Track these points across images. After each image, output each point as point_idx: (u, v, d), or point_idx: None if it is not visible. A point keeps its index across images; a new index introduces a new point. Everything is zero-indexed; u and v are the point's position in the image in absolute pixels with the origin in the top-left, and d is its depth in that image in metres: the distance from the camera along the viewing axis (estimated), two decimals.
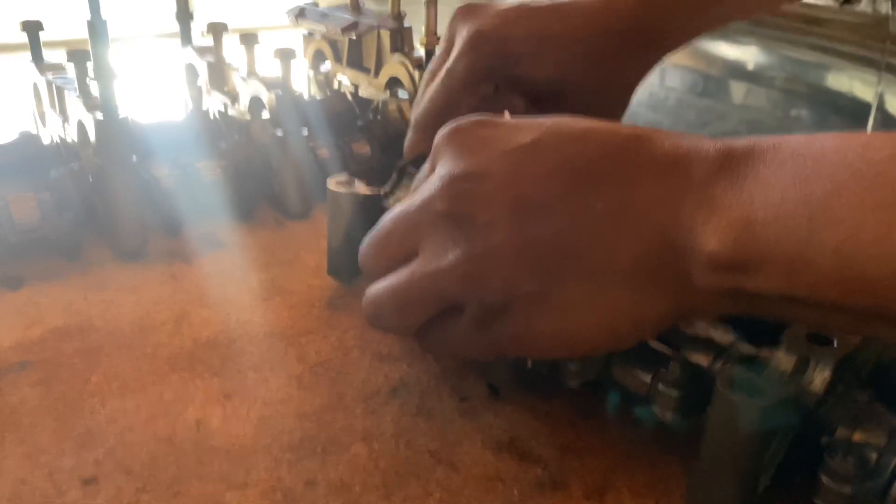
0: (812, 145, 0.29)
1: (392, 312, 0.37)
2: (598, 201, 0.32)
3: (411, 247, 0.36)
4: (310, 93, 0.90)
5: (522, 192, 0.33)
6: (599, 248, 0.32)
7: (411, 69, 0.73)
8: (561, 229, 0.32)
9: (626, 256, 0.31)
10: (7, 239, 0.54)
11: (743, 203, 0.29)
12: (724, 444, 0.33)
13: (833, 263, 0.26)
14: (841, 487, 0.31)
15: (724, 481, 0.34)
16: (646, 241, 0.31)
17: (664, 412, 0.38)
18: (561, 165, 0.33)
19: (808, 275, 0.27)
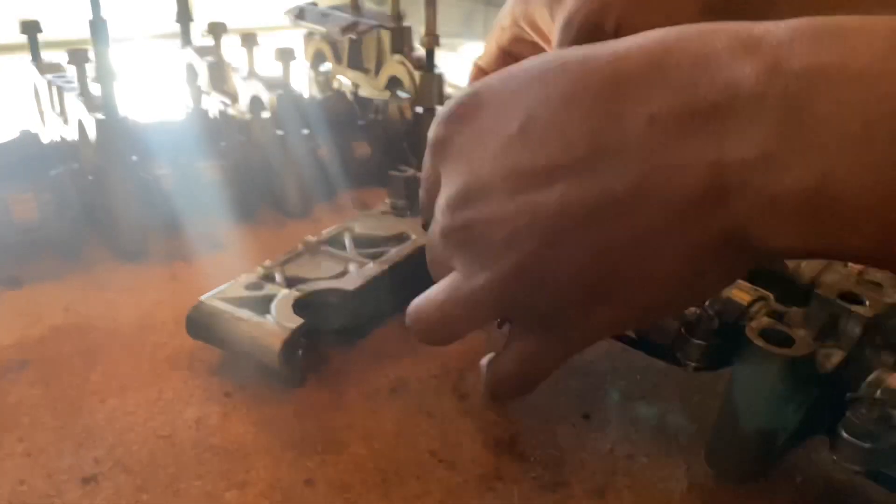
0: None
1: (434, 329, 0.36)
2: (614, 176, 0.28)
3: (450, 268, 0.34)
4: (310, 93, 0.90)
5: (529, 198, 0.30)
6: (644, 207, 0.28)
7: (411, 69, 0.73)
8: (586, 209, 0.29)
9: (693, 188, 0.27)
10: (7, 238, 0.54)
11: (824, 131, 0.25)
12: (747, 394, 0.33)
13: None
14: (861, 442, 0.31)
15: (744, 432, 0.34)
16: (693, 188, 0.27)
17: (688, 363, 0.38)
18: (560, 147, 0.29)
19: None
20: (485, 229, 0.31)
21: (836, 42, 0.25)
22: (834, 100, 0.24)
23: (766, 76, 0.25)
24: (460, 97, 0.34)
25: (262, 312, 0.43)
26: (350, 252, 0.52)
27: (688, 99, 0.27)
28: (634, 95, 0.28)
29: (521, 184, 0.30)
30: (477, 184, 0.32)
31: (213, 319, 0.43)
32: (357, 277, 0.47)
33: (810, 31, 0.25)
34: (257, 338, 0.41)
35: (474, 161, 0.32)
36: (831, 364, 0.34)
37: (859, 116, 0.24)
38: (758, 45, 0.26)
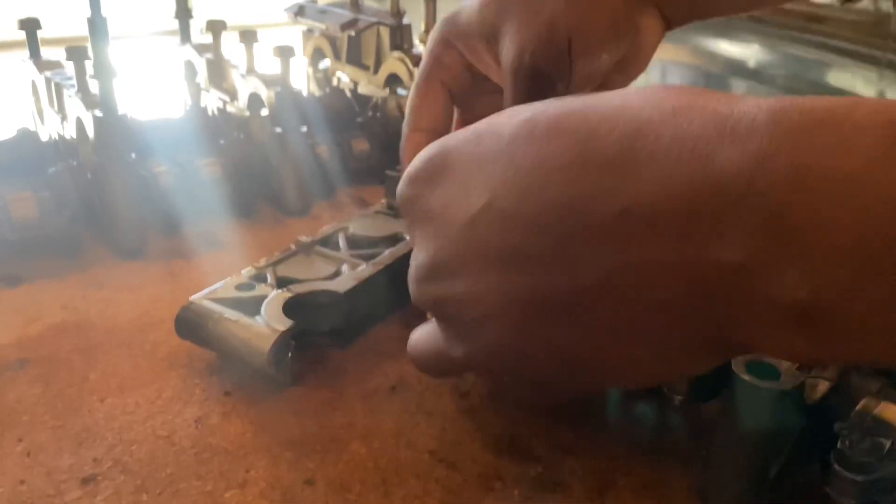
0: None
1: (429, 371, 0.37)
2: (585, 268, 0.26)
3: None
4: (309, 90, 0.90)
5: (499, 281, 0.28)
6: (621, 303, 0.26)
7: (410, 66, 0.73)
8: (557, 298, 0.27)
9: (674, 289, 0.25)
10: (5, 236, 0.54)
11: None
12: (737, 429, 0.33)
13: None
14: (853, 474, 0.31)
15: (735, 467, 0.34)
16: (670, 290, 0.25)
17: (674, 396, 0.38)
18: (527, 233, 0.27)
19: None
20: (456, 308, 0.31)
21: (824, 136, 0.22)
22: (823, 207, 0.22)
23: (748, 175, 0.23)
24: (427, 156, 0.33)
25: (253, 313, 0.43)
26: (344, 253, 0.51)
27: (662, 194, 0.24)
28: (605, 183, 0.26)
29: (488, 265, 0.29)
30: (444, 259, 0.31)
31: (202, 320, 0.43)
32: (349, 279, 0.47)
33: (794, 120, 0.23)
34: (246, 339, 0.41)
35: (441, 232, 0.31)
36: (818, 394, 0.34)
37: (851, 226, 0.21)
38: (736, 133, 0.24)
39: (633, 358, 0.28)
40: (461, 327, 0.31)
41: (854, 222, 0.21)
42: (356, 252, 0.52)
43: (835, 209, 0.22)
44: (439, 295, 0.31)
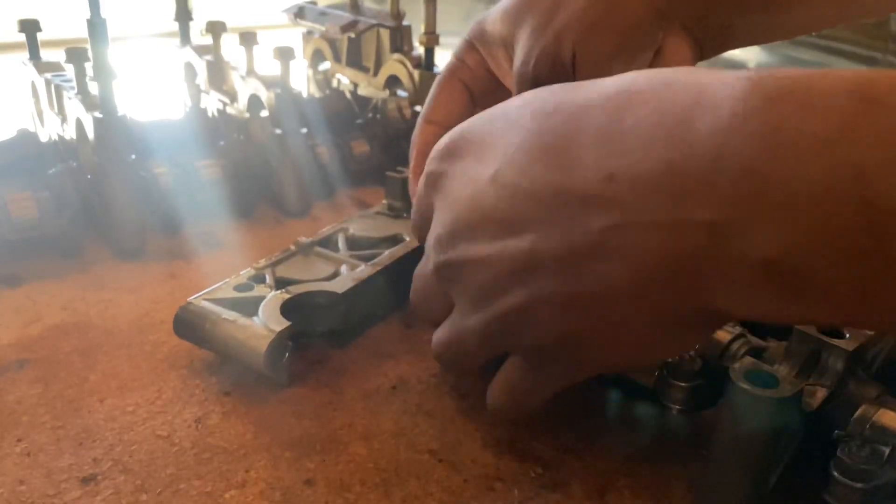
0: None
1: (451, 362, 0.38)
2: (578, 229, 0.28)
3: (448, 300, 0.36)
4: (309, 92, 0.90)
5: (505, 245, 0.31)
6: (608, 264, 0.28)
7: (410, 68, 0.73)
8: (554, 258, 0.29)
9: (654, 252, 0.27)
10: (5, 237, 0.54)
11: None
12: (736, 437, 0.33)
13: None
14: (853, 482, 0.31)
15: (734, 476, 0.34)
16: (653, 251, 0.27)
17: (672, 406, 0.38)
18: (526, 199, 0.30)
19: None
20: (471, 270, 0.33)
21: (793, 98, 0.24)
22: (790, 166, 0.23)
23: (722, 136, 0.24)
24: (451, 134, 0.36)
25: (251, 314, 0.43)
26: (343, 253, 0.51)
27: (644, 158, 0.26)
28: (595, 151, 0.28)
29: (496, 230, 0.31)
30: (461, 225, 0.33)
31: (200, 321, 0.43)
32: (348, 279, 0.47)
33: (767, 87, 0.24)
34: (243, 340, 0.41)
35: (459, 202, 0.33)
36: (816, 401, 0.34)
37: (817, 185, 0.23)
38: (713, 101, 0.25)
39: (625, 329, 0.30)
40: (473, 292, 0.33)
41: (819, 183, 0.23)
42: (356, 253, 0.52)
43: (801, 170, 0.23)
44: (457, 257, 0.33)
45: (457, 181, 0.34)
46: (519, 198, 0.30)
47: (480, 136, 0.34)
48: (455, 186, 0.34)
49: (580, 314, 0.30)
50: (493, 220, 0.31)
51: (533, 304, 0.31)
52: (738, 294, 0.26)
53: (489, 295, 0.32)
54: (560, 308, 0.30)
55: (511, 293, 0.31)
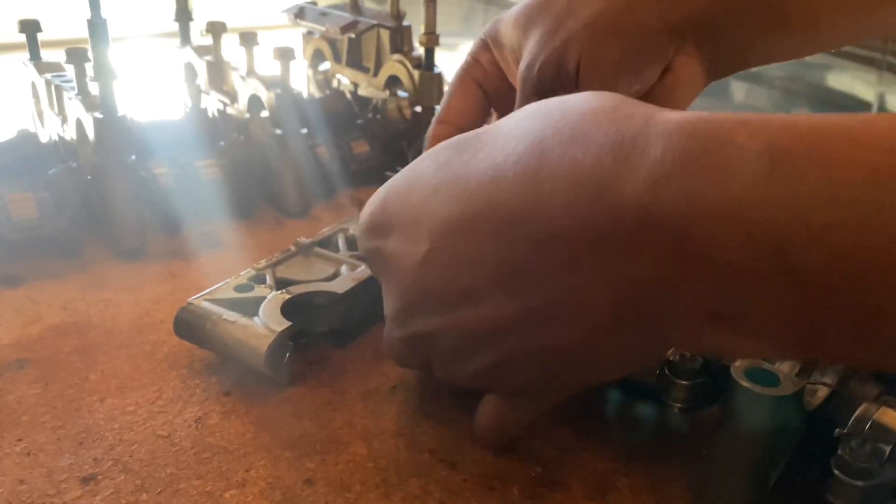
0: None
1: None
2: (529, 295, 0.29)
3: (423, 357, 0.36)
4: (309, 92, 0.90)
5: (460, 316, 0.32)
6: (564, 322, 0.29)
7: (411, 68, 0.73)
8: (521, 321, 0.30)
9: (603, 308, 0.28)
10: (5, 237, 0.54)
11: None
12: (736, 436, 0.33)
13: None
14: (853, 480, 0.31)
15: (735, 475, 0.34)
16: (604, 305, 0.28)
17: (673, 404, 0.38)
18: (468, 273, 0.30)
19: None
20: (434, 341, 0.34)
21: (710, 160, 0.24)
22: (708, 233, 0.24)
23: (641, 204, 0.25)
24: (370, 209, 0.36)
25: (251, 314, 0.43)
26: (343, 254, 0.51)
27: (571, 225, 0.27)
28: (522, 219, 0.28)
29: (448, 303, 0.32)
30: (410, 302, 0.34)
31: (200, 321, 0.43)
32: (348, 280, 0.47)
33: (683, 142, 0.25)
34: (243, 340, 0.41)
35: (402, 279, 0.33)
36: (817, 400, 0.34)
37: (735, 251, 0.23)
38: (629, 163, 0.26)
39: (597, 364, 0.31)
40: (443, 357, 0.35)
41: (742, 250, 0.23)
42: (356, 253, 0.52)
43: (723, 237, 0.24)
44: (413, 334, 0.34)
45: (393, 259, 0.34)
46: (463, 272, 0.30)
47: (401, 209, 0.34)
48: (393, 264, 0.34)
49: (551, 360, 0.31)
50: (442, 295, 0.32)
51: (503, 360, 0.32)
52: (685, 332, 0.27)
53: (460, 357, 0.34)
54: (531, 359, 0.31)
55: (480, 354, 0.32)
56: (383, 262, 0.35)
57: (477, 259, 0.30)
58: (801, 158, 0.23)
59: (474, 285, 0.30)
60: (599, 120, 0.28)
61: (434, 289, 0.32)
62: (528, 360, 0.32)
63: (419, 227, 0.32)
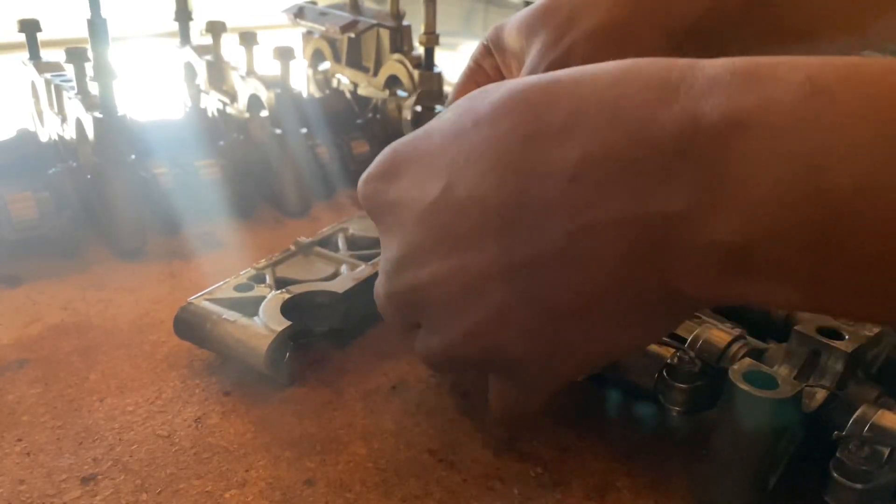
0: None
1: (436, 371, 0.37)
2: (542, 237, 0.28)
3: (412, 319, 0.35)
4: (309, 92, 0.90)
5: (462, 262, 0.30)
6: (578, 266, 0.28)
7: (410, 68, 0.73)
8: (519, 269, 0.29)
9: (620, 247, 0.27)
10: (5, 236, 0.54)
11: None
12: (735, 438, 0.33)
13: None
14: (852, 483, 0.31)
15: (734, 477, 0.34)
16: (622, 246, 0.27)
17: (672, 407, 0.38)
18: (483, 211, 0.29)
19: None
20: (425, 294, 0.32)
21: (752, 91, 0.24)
22: (748, 156, 0.24)
23: (684, 131, 0.25)
24: (381, 155, 0.34)
25: (251, 314, 0.43)
26: (343, 253, 0.51)
27: (607, 155, 0.26)
28: (552, 153, 0.27)
29: (451, 247, 0.30)
30: (409, 248, 0.32)
31: (200, 321, 0.43)
32: (348, 279, 0.47)
33: (727, 78, 0.25)
34: (243, 340, 0.41)
35: (404, 225, 0.32)
36: (816, 402, 0.34)
37: (772, 173, 0.24)
38: (675, 94, 0.26)
39: (600, 325, 0.29)
40: (434, 315, 0.32)
41: (776, 174, 0.23)
42: (355, 253, 0.52)
43: (759, 162, 0.24)
44: (409, 283, 0.32)
45: (398, 204, 0.32)
46: (475, 210, 0.29)
47: (416, 154, 0.32)
48: (397, 210, 0.33)
49: (552, 318, 0.29)
50: (447, 238, 0.30)
51: (498, 317, 0.30)
52: (699, 277, 0.27)
53: (447, 317, 0.31)
54: (531, 316, 0.29)
55: (473, 307, 0.30)
56: (386, 207, 0.33)
57: (496, 197, 0.28)
58: (839, 83, 0.23)
59: (487, 226, 0.29)
60: (641, 68, 0.27)
61: (439, 230, 0.30)
62: (526, 318, 0.29)
63: (434, 167, 0.31)
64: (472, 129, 0.30)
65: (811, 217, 0.23)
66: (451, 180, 0.30)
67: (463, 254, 0.30)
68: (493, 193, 0.28)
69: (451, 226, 0.30)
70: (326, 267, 0.50)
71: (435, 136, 0.32)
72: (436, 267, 0.31)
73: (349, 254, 0.51)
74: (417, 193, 0.31)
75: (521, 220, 0.28)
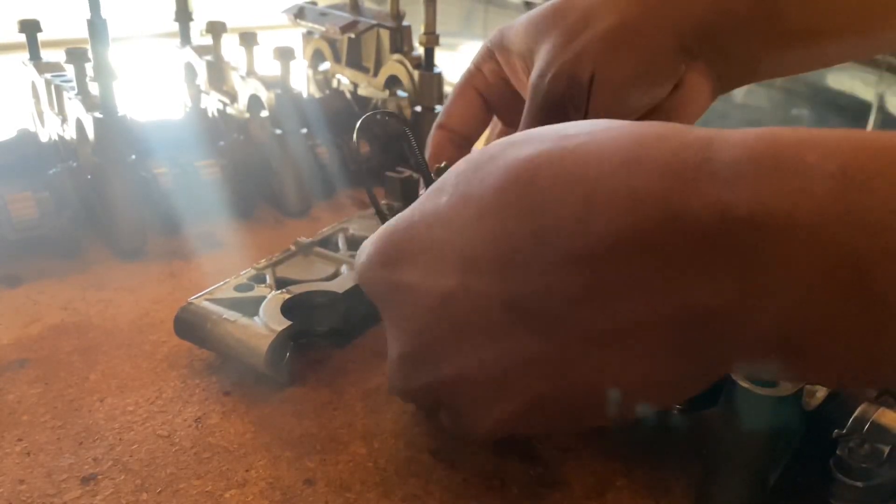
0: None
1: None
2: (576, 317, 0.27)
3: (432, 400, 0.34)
4: (309, 92, 0.90)
5: (485, 357, 0.28)
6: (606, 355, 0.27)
7: (410, 68, 0.73)
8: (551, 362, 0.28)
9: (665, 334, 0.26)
10: (5, 236, 0.54)
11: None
12: (736, 436, 0.33)
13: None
14: (852, 481, 0.31)
15: (734, 475, 0.34)
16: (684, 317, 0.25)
17: (674, 407, 0.38)
18: (505, 300, 0.27)
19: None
20: (451, 388, 0.31)
21: (780, 181, 0.23)
22: (782, 251, 0.23)
23: (713, 220, 0.24)
24: (377, 243, 0.33)
25: (251, 314, 0.43)
26: (343, 253, 0.51)
27: (630, 242, 0.25)
28: (568, 249, 0.26)
29: (474, 342, 0.29)
30: (426, 342, 0.30)
31: (201, 321, 0.43)
32: (348, 279, 0.47)
33: (751, 169, 0.24)
34: (244, 340, 0.41)
35: (416, 318, 0.30)
36: (816, 400, 0.34)
37: (808, 268, 0.23)
38: (696, 182, 0.24)
39: (633, 397, 0.29)
40: (464, 407, 0.31)
41: (814, 266, 0.23)
42: (356, 253, 0.52)
43: (800, 247, 0.23)
44: (430, 380, 0.31)
45: (408, 295, 0.31)
46: (496, 305, 0.28)
47: (419, 245, 0.30)
48: (406, 301, 0.31)
49: (594, 396, 0.28)
50: (469, 332, 0.29)
51: (536, 404, 0.29)
52: (751, 360, 0.26)
53: (480, 406, 0.30)
54: (570, 397, 0.29)
55: (506, 400, 0.29)
56: (394, 297, 0.32)
57: (514, 292, 0.27)
58: (876, 177, 0.22)
59: (509, 320, 0.27)
60: (649, 148, 0.26)
61: (458, 325, 0.29)
62: (567, 398, 0.29)
63: (444, 259, 0.29)
64: (477, 223, 0.28)
65: (859, 319, 0.23)
66: (467, 274, 0.28)
67: (489, 348, 0.28)
68: (516, 289, 0.27)
69: (472, 319, 0.28)
70: (326, 267, 0.50)
71: (436, 227, 0.30)
72: (460, 362, 0.29)
73: (349, 254, 0.51)
74: (430, 285, 0.29)
75: (549, 312, 0.27)
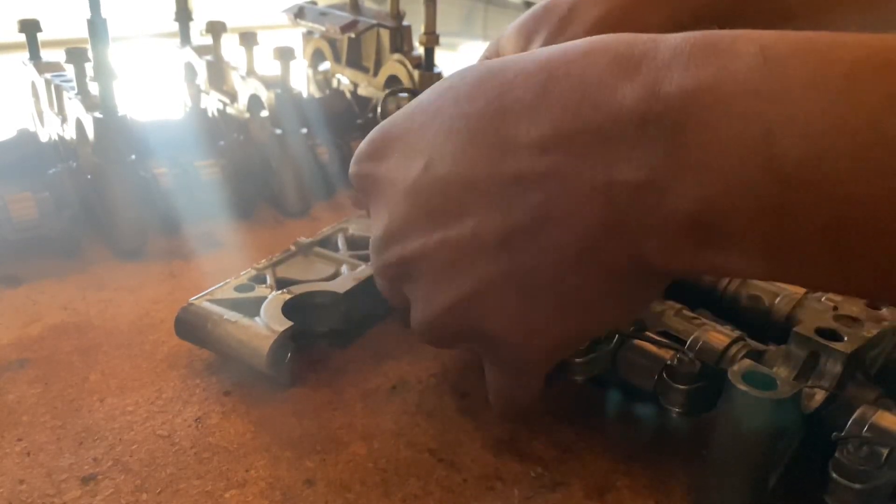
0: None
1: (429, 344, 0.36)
2: (517, 207, 0.29)
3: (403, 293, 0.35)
4: (309, 92, 0.90)
5: (445, 235, 0.31)
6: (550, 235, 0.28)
7: (410, 68, 0.73)
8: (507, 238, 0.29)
9: (589, 216, 0.28)
10: (5, 237, 0.54)
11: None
12: (735, 439, 0.33)
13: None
14: (851, 483, 0.31)
15: (733, 478, 0.34)
16: (591, 216, 0.28)
17: (672, 408, 0.38)
18: (462, 185, 0.30)
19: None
20: (412, 267, 0.33)
21: (709, 62, 0.25)
22: (705, 126, 0.25)
23: (645, 101, 0.26)
24: (370, 136, 0.35)
25: (252, 314, 0.43)
26: (343, 253, 0.52)
27: (574, 127, 0.27)
28: (523, 127, 0.28)
29: (434, 222, 0.31)
30: (396, 224, 0.33)
31: (201, 321, 0.43)
32: (348, 279, 0.47)
33: (688, 50, 0.26)
34: (245, 340, 0.41)
35: (390, 202, 0.33)
36: (815, 403, 0.34)
37: (727, 142, 0.24)
38: (638, 66, 0.27)
39: (577, 296, 0.30)
40: (421, 288, 0.33)
41: (731, 142, 0.24)
42: (356, 253, 0.52)
43: (716, 130, 0.24)
44: (396, 258, 0.33)
45: (386, 182, 0.34)
46: (454, 186, 0.30)
47: (402, 133, 0.34)
48: (384, 187, 0.34)
49: (529, 292, 0.30)
50: (429, 213, 0.31)
51: (482, 289, 0.31)
52: (667, 247, 0.27)
53: (438, 285, 0.32)
54: (508, 289, 0.30)
55: (458, 279, 0.31)
56: (374, 186, 0.35)
57: (473, 172, 0.30)
58: (791, 55, 0.24)
59: (465, 200, 0.30)
60: (607, 42, 0.28)
61: (422, 206, 0.31)
62: (504, 292, 0.30)
63: (418, 144, 0.32)
64: (451, 106, 0.31)
65: (764, 185, 0.24)
66: (432, 157, 0.31)
67: (446, 228, 0.31)
68: (471, 169, 0.30)
69: (433, 201, 0.31)
70: (327, 267, 0.50)
71: (417, 115, 0.33)
72: (421, 241, 0.32)
73: (349, 254, 0.52)
74: (402, 171, 0.32)
75: (497, 189, 0.29)
